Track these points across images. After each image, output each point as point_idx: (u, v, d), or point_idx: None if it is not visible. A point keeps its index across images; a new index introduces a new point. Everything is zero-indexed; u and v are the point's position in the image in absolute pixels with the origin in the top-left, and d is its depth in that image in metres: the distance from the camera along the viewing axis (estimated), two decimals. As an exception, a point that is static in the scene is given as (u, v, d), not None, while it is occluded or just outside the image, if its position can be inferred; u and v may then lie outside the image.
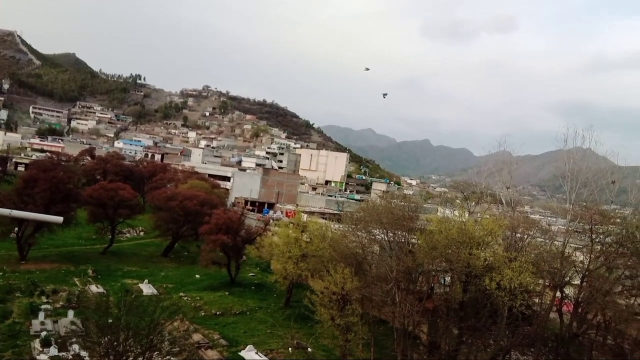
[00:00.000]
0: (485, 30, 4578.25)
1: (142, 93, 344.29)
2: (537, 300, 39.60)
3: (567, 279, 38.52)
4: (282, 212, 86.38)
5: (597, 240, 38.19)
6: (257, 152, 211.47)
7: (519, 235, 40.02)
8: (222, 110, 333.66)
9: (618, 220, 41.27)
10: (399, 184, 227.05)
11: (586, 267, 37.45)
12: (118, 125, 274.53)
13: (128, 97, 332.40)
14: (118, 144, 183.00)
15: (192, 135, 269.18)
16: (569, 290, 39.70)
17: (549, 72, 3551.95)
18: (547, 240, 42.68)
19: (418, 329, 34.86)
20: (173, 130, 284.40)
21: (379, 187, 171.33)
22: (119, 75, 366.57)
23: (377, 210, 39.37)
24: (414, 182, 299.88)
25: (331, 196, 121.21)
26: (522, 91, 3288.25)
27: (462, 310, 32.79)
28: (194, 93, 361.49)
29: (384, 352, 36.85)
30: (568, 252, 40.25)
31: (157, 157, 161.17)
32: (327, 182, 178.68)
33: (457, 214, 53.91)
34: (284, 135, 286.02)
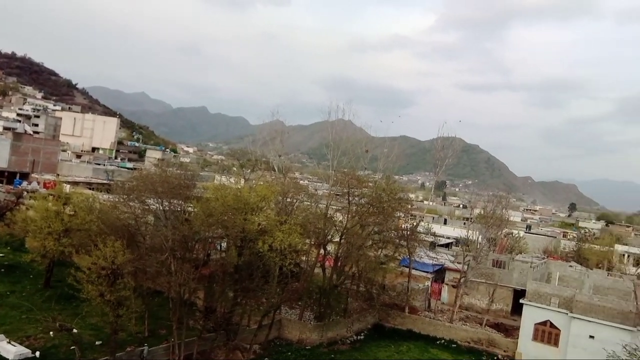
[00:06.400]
0: (260, 2, 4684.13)
1: None
2: (304, 258, 43.59)
3: (329, 237, 43.31)
4: (38, 183, 77.10)
5: (353, 202, 43.71)
6: (5, 114, 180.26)
7: (289, 199, 43.18)
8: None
9: (370, 184, 47.76)
10: (175, 151, 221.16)
11: (344, 225, 42.62)
12: None
13: None
14: None
15: None
16: (330, 247, 44.72)
17: (318, 48, 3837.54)
18: (313, 204, 47.10)
19: (194, 296, 35.09)
20: None
21: (153, 154, 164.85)
22: None
23: (151, 179, 37.87)
24: (191, 150, 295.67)
25: (99, 164, 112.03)
26: (295, 64, 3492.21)
27: (237, 273, 34.11)
28: None
29: (160, 322, 36.24)
30: (330, 214, 45.15)
31: None
32: (94, 149, 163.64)
33: (234, 181, 55.16)
34: (39, 96, 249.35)
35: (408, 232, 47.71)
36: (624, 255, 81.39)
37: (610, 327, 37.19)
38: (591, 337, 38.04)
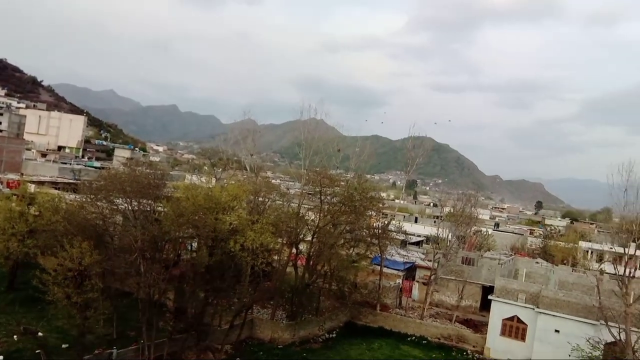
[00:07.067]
0: (233, 0, 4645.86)
1: None
2: (276, 257, 43.48)
3: (301, 236, 43.30)
4: (1, 183, 74.76)
5: (325, 201, 43.79)
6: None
7: (261, 199, 42.99)
8: None
9: (342, 183, 47.90)
10: (144, 150, 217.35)
11: (316, 224, 42.68)
12: None
13: None
14: None
15: None
16: (302, 246, 44.73)
17: (290, 47, 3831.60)
18: (285, 203, 47.00)
19: (164, 296, 34.60)
20: None
21: (122, 153, 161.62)
22: None
23: (120, 178, 37.09)
24: (161, 149, 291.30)
25: (65, 163, 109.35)
26: (267, 63, 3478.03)
27: (209, 273, 33.79)
28: None
29: (129, 324, 35.62)
30: (302, 213, 45.13)
31: None
32: (60, 147, 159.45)
33: (205, 181, 54.59)
34: (3, 93, 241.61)
35: (379, 231, 48.07)
36: (587, 251, 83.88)
37: (574, 321, 38.27)
38: (557, 331, 39.08)
